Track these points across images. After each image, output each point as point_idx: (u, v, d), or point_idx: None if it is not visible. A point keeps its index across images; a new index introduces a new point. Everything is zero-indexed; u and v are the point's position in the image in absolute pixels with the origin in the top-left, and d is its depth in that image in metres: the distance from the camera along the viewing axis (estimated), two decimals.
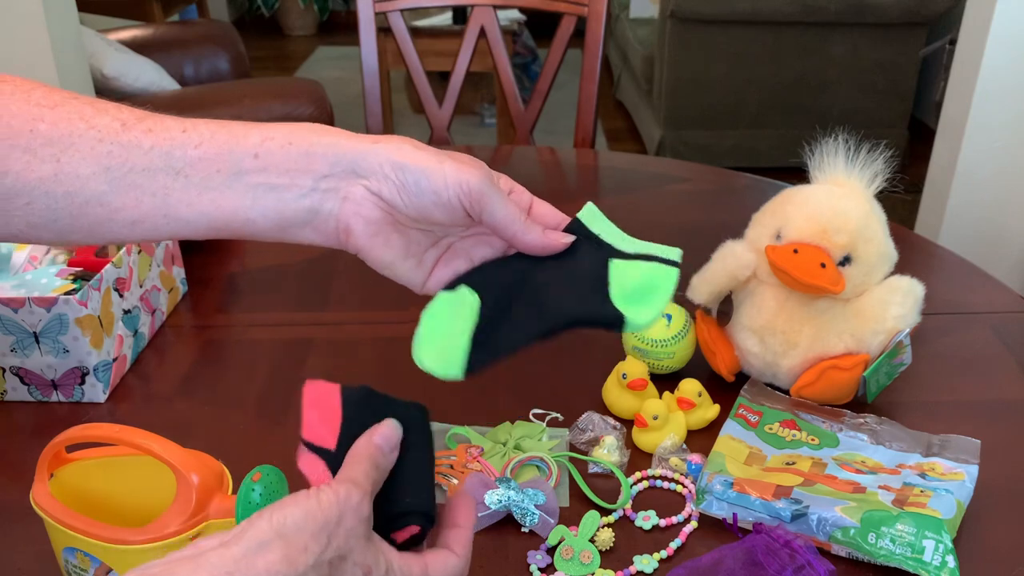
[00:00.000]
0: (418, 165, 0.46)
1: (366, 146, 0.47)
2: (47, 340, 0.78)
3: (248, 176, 0.47)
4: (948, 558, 0.61)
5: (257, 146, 0.47)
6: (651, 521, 0.68)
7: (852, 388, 0.78)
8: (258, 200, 0.47)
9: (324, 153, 0.47)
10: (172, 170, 0.47)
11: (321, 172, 0.47)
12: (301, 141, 0.47)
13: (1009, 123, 1.90)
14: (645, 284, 0.49)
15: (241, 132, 0.47)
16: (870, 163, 0.78)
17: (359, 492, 0.41)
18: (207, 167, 0.47)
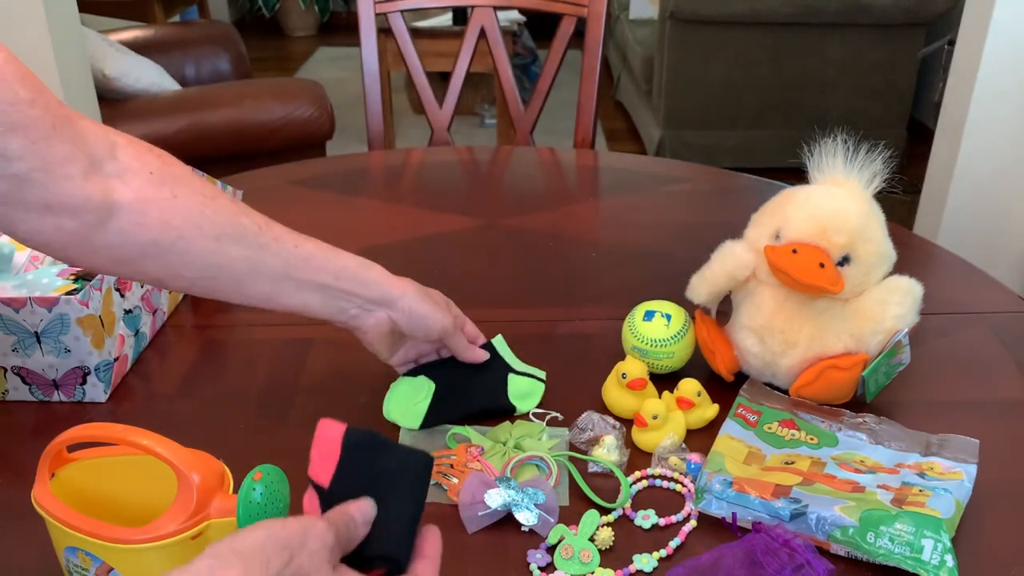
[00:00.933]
0: (424, 315, 0.75)
1: (399, 292, 0.74)
2: (48, 340, 0.78)
3: (327, 290, 0.72)
4: (947, 557, 0.61)
5: (338, 271, 0.71)
6: (650, 520, 0.68)
7: (851, 388, 0.78)
8: (327, 305, 0.73)
9: (375, 290, 0.73)
10: (284, 272, 0.70)
11: (370, 298, 0.73)
12: (364, 277, 0.73)
13: (1008, 123, 1.91)
14: (527, 390, 0.82)
15: (331, 256, 0.72)
16: (869, 163, 0.78)
17: (324, 523, 0.44)
18: (307, 275, 0.70)
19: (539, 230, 1.16)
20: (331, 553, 0.44)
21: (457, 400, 0.79)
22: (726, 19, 3.03)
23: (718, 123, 3.25)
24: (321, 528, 0.44)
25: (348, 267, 0.72)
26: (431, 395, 0.79)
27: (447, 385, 0.80)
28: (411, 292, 0.74)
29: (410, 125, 3.90)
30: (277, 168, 1.36)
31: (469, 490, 0.68)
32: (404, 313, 0.74)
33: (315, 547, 0.43)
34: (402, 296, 0.73)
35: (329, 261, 0.71)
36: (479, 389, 0.81)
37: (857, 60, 3.11)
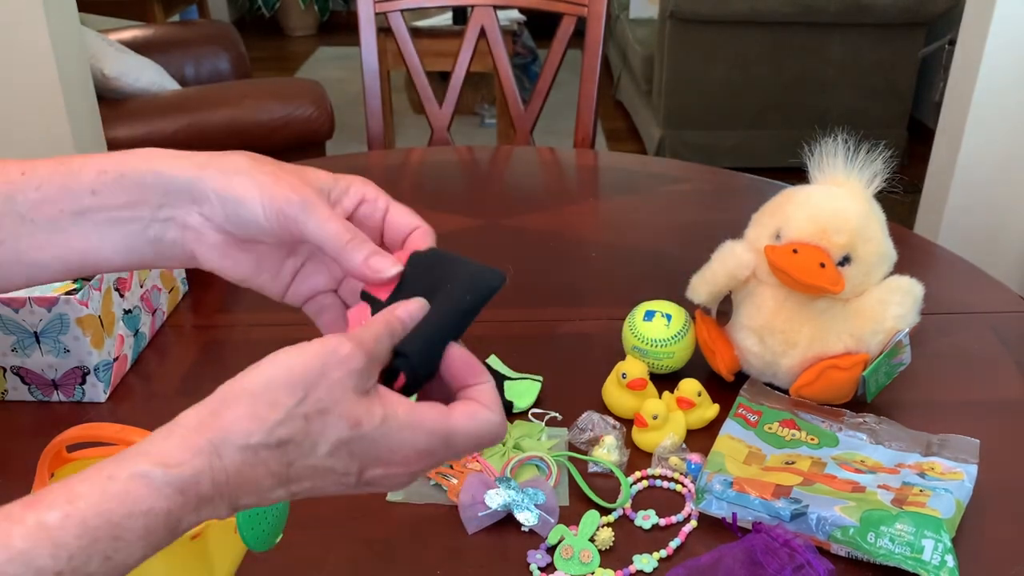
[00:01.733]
0: (234, 194, 0.45)
1: (195, 172, 0.46)
2: (48, 340, 0.78)
3: (91, 214, 0.46)
4: (947, 557, 0.61)
5: (93, 182, 0.46)
6: (651, 520, 0.68)
7: (851, 388, 0.78)
8: (105, 238, 0.47)
9: (155, 183, 0.46)
10: (17, 215, 0.46)
11: (157, 202, 0.46)
12: (133, 172, 0.46)
13: (1008, 123, 1.91)
14: (523, 389, 0.80)
15: (78, 168, 0.46)
16: (869, 163, 0.78)
17: (351, 345, 0.39)
18: (50, 209, 0.46)
19: (539, 230, 1.16)
20: (358, 378, 0.39)
21: None
22: (726, 19, 3.03)
23: (718, 123, 3.25)
24: (346, 352, 0.39)
25: (107, 169, 0.46)
26: None
27: None
28: (216, 166, 0.46)
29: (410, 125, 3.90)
30: None
31: (469, 491, 0.68)
32: (212, 202, 0.46)
33: (337, 376, 0.39)
34: (200, 176, 0.46)
35: (76, 173, 0.47)
36: None
37: (857, 60, 3.11)
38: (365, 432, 0.39)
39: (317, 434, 0.38)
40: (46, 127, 1.98)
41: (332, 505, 0.68)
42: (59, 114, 1.98)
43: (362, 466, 0.40)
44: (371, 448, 0.40)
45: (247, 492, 0.38)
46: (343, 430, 0.39)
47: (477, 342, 0.88)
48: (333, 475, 0.40)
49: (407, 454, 0.41)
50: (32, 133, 1.98)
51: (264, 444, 0.38)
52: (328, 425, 0.38)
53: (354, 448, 0.39)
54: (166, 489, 0.36)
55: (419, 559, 0.65)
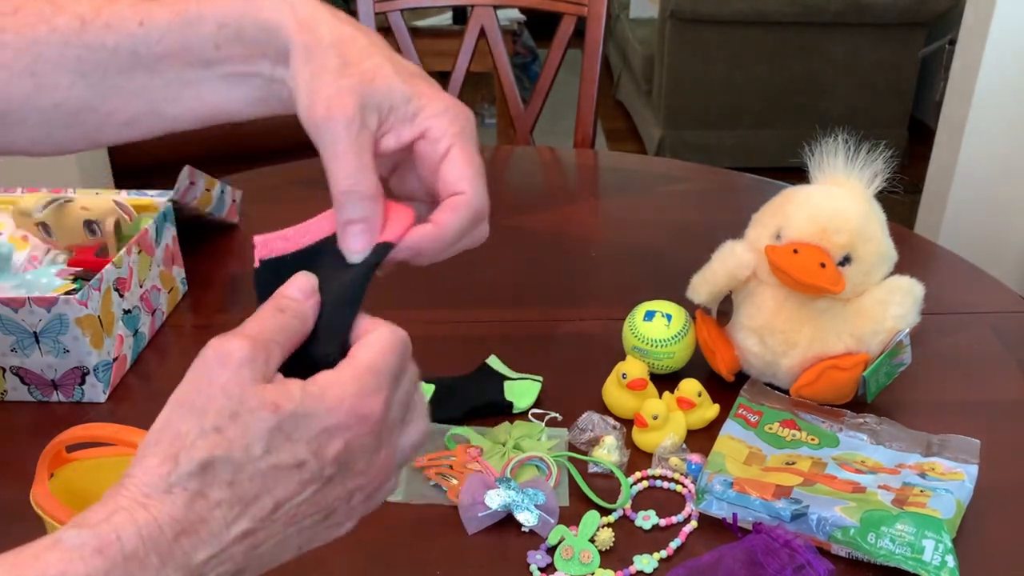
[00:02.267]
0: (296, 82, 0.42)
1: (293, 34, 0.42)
2: (47, 340, 0.78)
3: (217, 66, 0.44)
4: (948, 558, 0.61)
5: (215, 36, 0.44)
6: (651, 521, 0.68)
7: (852, 388, 0.78)
8: (233, 91, 0.46)
9: (269, 39, 0.43)
10: (145, 68, 0.44)
11: (274, 59, 0.44)
12: (250, 25, 0.43)
13: (1009, 123, 1.90)
14: (523, 389, 0.81)
15: (195, 18, 0.44)
16: (870, 163, 0.78)
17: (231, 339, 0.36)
18: (176, 62, 0.44)
19: (539, 230, 1.16)
20: (251, 367, 0.35)
21: (455, 399, 0.80)
22: (727, 18, 3.02)
23: (718, 123, 3.25)
24: (225, 349, 0.36)
25: (227, 19, 0.43)
26: (429, 395, 0.79)
27: (446, 386, 0.81)
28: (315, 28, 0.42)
29: None
30: (277, 168, 1.35)
31: (469, 491, 0.68)
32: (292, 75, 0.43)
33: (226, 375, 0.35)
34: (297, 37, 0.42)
35: (195, 25, 0.44)
36: (477, 389, 0.81)
37: (858, 60, 3.11)
38: (290, 410, 0.35)
39: (241, 437, 0.34)
40: None
41: None
42: None
43: (314, 448, 0.35)
44: (308, 423, 0.35)
45: (198, 539, 0.33)
46: (266, 419, 0.34)
47: (478, 342, 0.88)
48: (290, 473, 0.35)
49: (349, 407, 0.36)
50: None
51: (188, 474, 0.33)
52: (247, 424, 0.34)
53: (289, 431, 0.35)
54: (81, 551, 0.32)
55: (419, 559, 0.65)
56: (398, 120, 0.42)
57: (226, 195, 1.09)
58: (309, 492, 0.36)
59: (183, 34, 0.44)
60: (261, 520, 0.35)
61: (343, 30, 0.42)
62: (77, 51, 0.44)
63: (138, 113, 0.46)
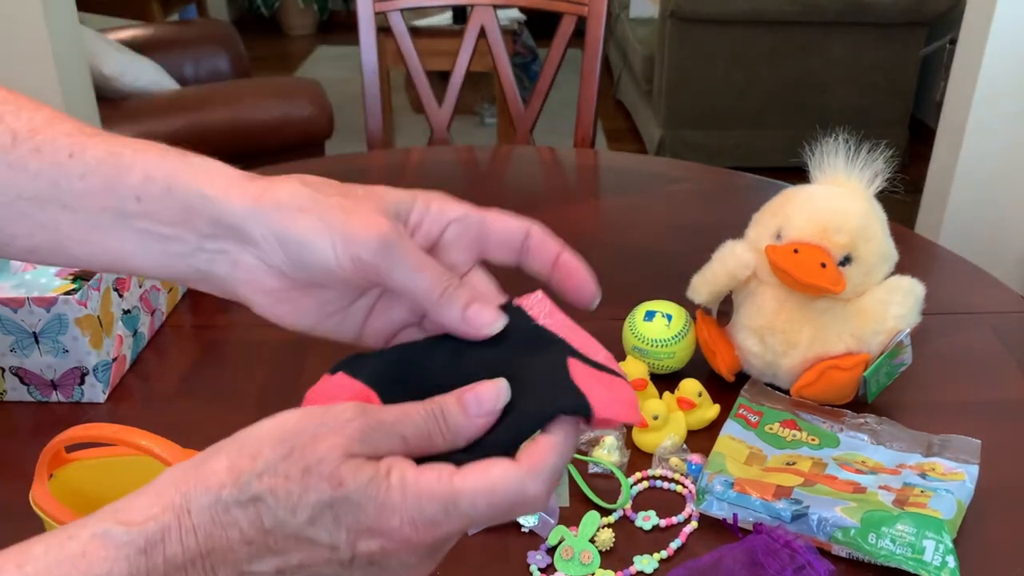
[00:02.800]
0: (299, 237, 0.38)
1: (246, 207, 0.39)
2: (46, 340, 0.78)
3: (133, 220, 0.41)
4: (948, 558, 0.61)
5: (138, 188, 0.41)
6: (651, 521, 0.68)
7: (852, 388, 0.78)
8: (146, 248, 0.42)
9: (203, 210, 0.40)
10: (60, 203, 0.42)
11: (204, 231, 0.40)
12: (181, 189, 0.40)
13: (1009, 123, 1.90)
14: None
15: (127, 164, 0.41)
16: (870, 163, 0.78)
17: (356, 411, 0.35)
18: (93, 203, 0.41)
19: None
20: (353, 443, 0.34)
21: None
22: (727, 18, 3.02)
23: (719, 122, 3.25)
24: (347, 416, 0.35)
25: (155, 177, 0.41)
26: None
27: None
28: (272, 199, 0.39)
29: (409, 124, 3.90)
30: (276, 168, 1.35)
31: None
32: (271, 244, 0.39)
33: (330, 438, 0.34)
34: (253, 213, 0.39)
35: (124, 170, 0.41)
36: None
37: (858, 59, 3.11)
38: (349, 493, 0.33)
39: (297, 496, 0.33)
40: None
41: None
42: None
43: (352, 537, 0.34)
44: (358, 513, 0.34)
45: (220, 560, 0.33)
46: (323, 492, 0.33)
47: None
48: (320, 549, 0.34)
49: (401, 522, 0.34)
50: None
51: (236, 501, 0.33)
52: (309, 487, 0.33)
53: (339, 513, 0.33)
54: (127, 550, 0.32)
55: None
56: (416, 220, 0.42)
57: None
58: (333, 570, 0.35)
59: (108, 177, 0.41)
60: (281, 571, 0.35)
61: (297, 182, 0.40)
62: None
63: (40, 244, 0.43)
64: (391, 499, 0.34)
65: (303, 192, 0.39)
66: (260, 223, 0.39)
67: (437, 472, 0.35)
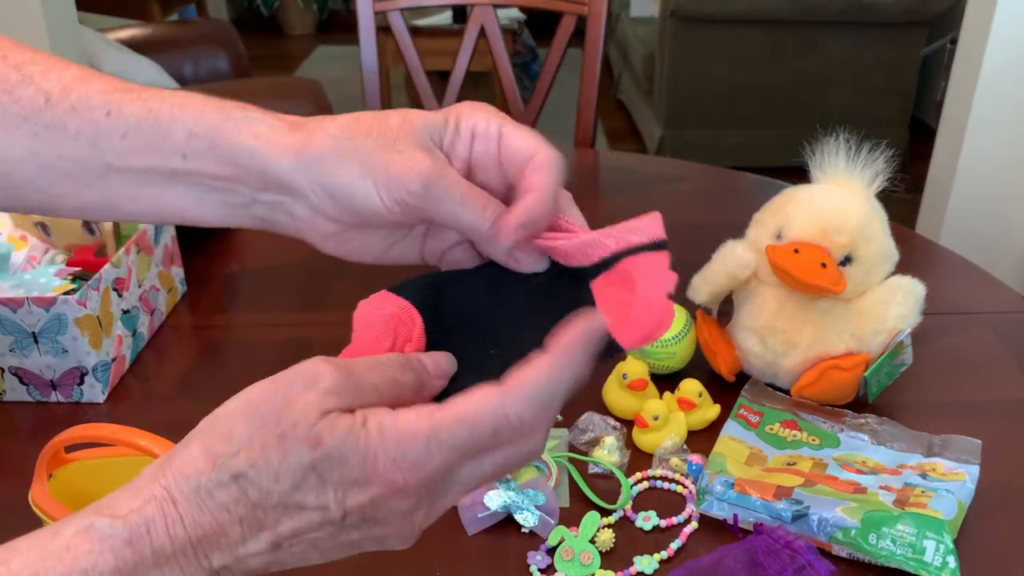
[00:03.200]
0: (345, 187, 0.39)
1: (291, 163, 0.40)
2: (46, 340, 0.78)
3: (184, 177, 0.42)
4: (949, 558, 0.60)
5: (183, 145, 0.41)
6: (651, 522, 0.67)
7: (853, 388, 0.78)
8: (201, 201, 0.42)
9: (250, 165, 0.40)
10: (103, 162, 0.41)
11: (255, 185, 0.41)
12: (225, 146, 0.40)
13: (1010, 122, 1.90)
14: None
15: (166, 120, 0.41)
16: (871, 163, 0.78)
17: (325, 366, 0.34)
18: (138, 161, 0.41)
19: None
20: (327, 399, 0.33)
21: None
22: (727, 17, 3.02)
23: (719, 122, 3.25)
24: (316, 372, 0.34)
25: (198, 133, 0.41)
26: None
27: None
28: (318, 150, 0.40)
29: None
30: None
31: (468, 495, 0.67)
32: (320, 196, 0.40)
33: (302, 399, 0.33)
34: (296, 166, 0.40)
35: (165, 127, 0.41)
36: None
37: (859, 59, 3.11)
38: (329, 450, 0.33)
39: (277, 463, 0.33)
40: None
41: None
42: None
43: (340, 494, 0.33)
44: (341, 468, 0.33)
45: (214, 546, 0.33)
46: (303, 454, 0.33)
47: None
48: (310, 513, 0.34)
49: (386, 467, 0.33)
50: None
51: (218, 483, 0.33)
52: (287, 452, 0.33)
53: (322, 472, 0.33)
54: (112, 542, 0.32)
55: (419, 560, 0.64)
56: (449, 142, 0.41)
57: None
58: (328, 531, 0.35)
59: (150, 135, 0.41)
60: (277, 545, 0.34)
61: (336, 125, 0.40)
62: (35, 128, 0.41)
63: (90, 203, 0.43)
64: (371, 446, 0.33)
65: (342, 138, 0.39)
66: (307, 177, 0.40)
67: (415, 412, 0.34)
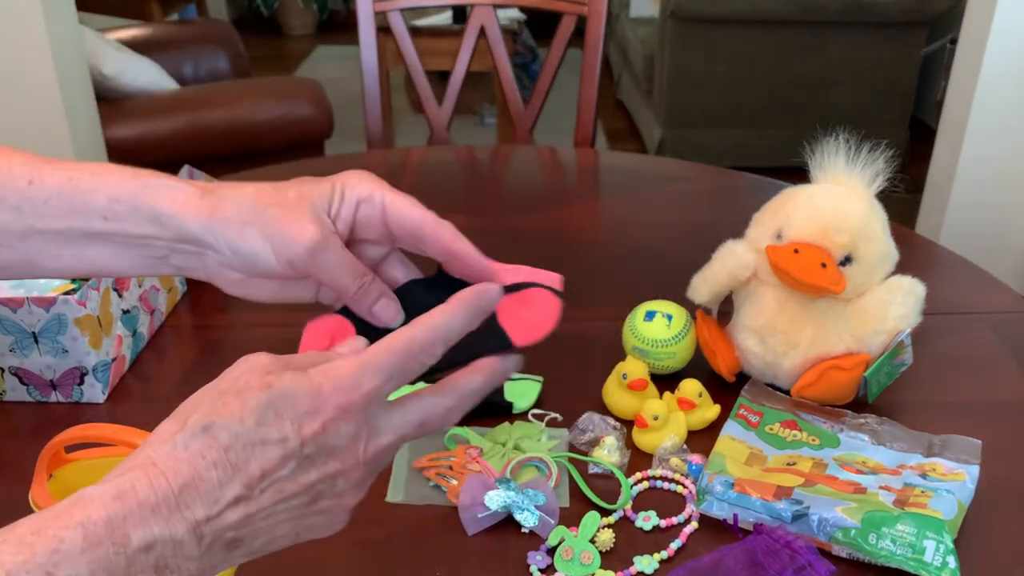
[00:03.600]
0: (247, 248, 0.46)
1: (202, 224, 0.46)
2: (46, 340, 0.78)
3: (104, 236, 0.47)
4: (949, 559, 0.60)
5: (104, 209, 0.46)
6: (651, 522, 0.67)
7: (853, 388, 0.78)
8: (120, 255, 0.48)
9: (168, 223, 0.46)
10: (27, 226, 0.46)
11: (173, 237, 0.47)
12: (146, 207, 0.46)
13: (1010, 122, 1.90)
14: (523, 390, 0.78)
15: (87, 188, 0.46)
16: (871, 163, 0.78)
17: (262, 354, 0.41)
18: (60, 224, 0.46)
19: (539, 230, 1.16)
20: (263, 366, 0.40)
21: None
22: (727, 17, 3.02)
23: (719, 122, 3.25)
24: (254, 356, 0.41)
25: (119, 198, 0.46)
26: None
27: None
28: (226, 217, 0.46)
29: (409, 124, 3.90)
30: (276, 168, 1.35)
31: (469, 492, 0.67)
32: (226, 252, 0.46)
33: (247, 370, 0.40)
34: (209, 226, 0.46)
35: (86, 193, 0.46)
36: None
37: (859, 59, 3.11)
38: (281, 388, 0.39)
39: (239, 408, 0.38)
40: (45, 126, 1.98)
41: None
42: (58, 113, 1.98)
43: (295, 425, 0.39)
44: (294, 402, 0.39)
45: (194, 492, 0.37)
46: (259, 396, 0.39)
47: None
48: (273, 447, 0.38)
49: (330, 391, 0.40)
50: (31, 132, 1.98)
51: (191, 435, 0.38)
52: (245, 398, 0.38)
53: (278, 407, 0.39)
54: (102, 499, 0.35)
55: (419, 560, 0.64)
56: (336, 209, 0.48)
57: None
58: (291, 467, 0.39)
59: (72, 200, 0.46)
60: (250, 487, 0.38)
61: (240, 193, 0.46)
62: None
63: (12, 262, 0.47)
64: (315, 381, 0.40)
65: (245, 205, 0.46)
66: (215, 236, 0.46)
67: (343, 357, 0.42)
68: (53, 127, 1.98)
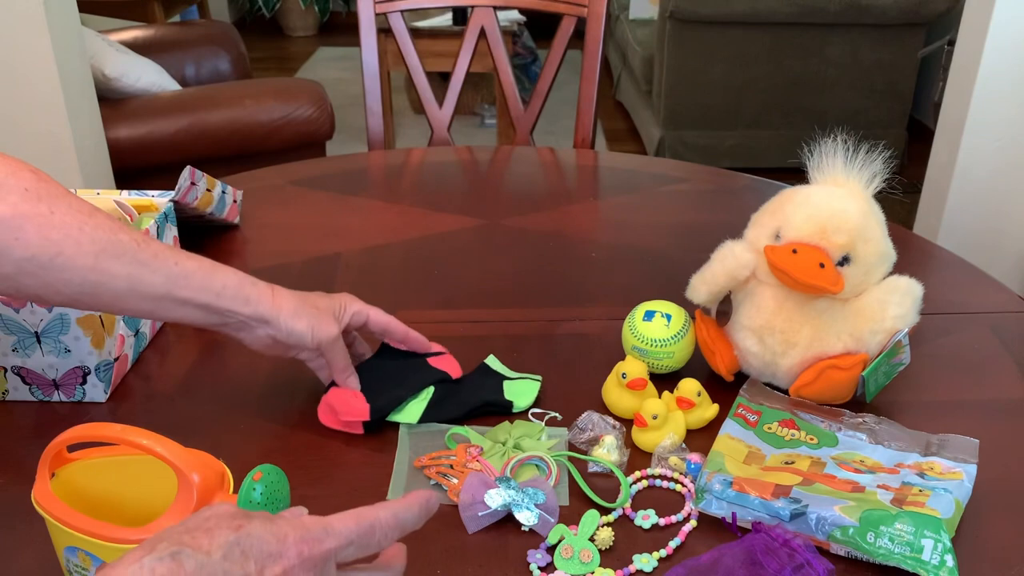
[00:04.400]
0: (298, 331, 0.74)
1: (272, 311, 0.73)
2: (48, 340, 0.78)
3: (211, 308, 0.72)
4: (947, 557, 0.61)
5: (221, 290, 0.71)
6: (650, 520, 0.68)
7: (851, 388, 0.78)
8: (207, 320, 0.73)
9: (254, 308, 0.73)
10: (168, 293, 0.69)
11: (249, 316, 0.73)
12: (246, 295, 0.73)
13: (1007, 123, 1.91)
14: (523, 389, 0.82)
15: (213, 274, 0.71)
16: (869, 163, 0.78)
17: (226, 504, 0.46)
18: (188, 294, 0.70)
19: (539, 230, 1.16)
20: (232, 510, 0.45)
21: (455, 399, 0.80)
22: (726, 19, 3.03)
23: (718, 123, 3.25)
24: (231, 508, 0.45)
25: (228, 286, 0.71)
26: (429, 396, 0.79)
27: (446, 387, 0.81)
28: (287, 310, 0.74)
29: (410, 125, 3.90)
30: (277, 168, 1.36)
31: (469, 490, 0.68)
32: (281, 329, 0.74)
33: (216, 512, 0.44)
34: (277, 315, 0.73)
35: (209, 279, 0.71)
36: (476, 389, 0.81)
37: (857, 60, 3.11)
38: (251, 529, 0.43)
39: (208, 541, 0.42)
40: (47, 127, 1.99)
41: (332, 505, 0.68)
42: (60, 114, 1.98)
43: (259, 566, 0.43)
44: (261, 544, 0.43)
45: None
46: (229, 533, 0.43)
47: (478, 342, 0.88)
48: None
49: (295, 541, 0.44)
50: (33, 133, 1.98)
51: (157, 559, 0.40)
52: (215, 533, 0.42)
53: (245, 547, 0.43)
54: None
55: (419, 559, 0.65)
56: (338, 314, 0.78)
57: (227, 195, 1.10)
58: None
59: (201, 279, 0.71)
60: None
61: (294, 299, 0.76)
62: (130, 268, 0.67)
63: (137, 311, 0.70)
64: (282, 528, 0.45)
65: (297, 305, 0.75)
66: (279, 320, 0.74)
67: (310, 516, 0.48)
68: (55, 128, 1.99)
